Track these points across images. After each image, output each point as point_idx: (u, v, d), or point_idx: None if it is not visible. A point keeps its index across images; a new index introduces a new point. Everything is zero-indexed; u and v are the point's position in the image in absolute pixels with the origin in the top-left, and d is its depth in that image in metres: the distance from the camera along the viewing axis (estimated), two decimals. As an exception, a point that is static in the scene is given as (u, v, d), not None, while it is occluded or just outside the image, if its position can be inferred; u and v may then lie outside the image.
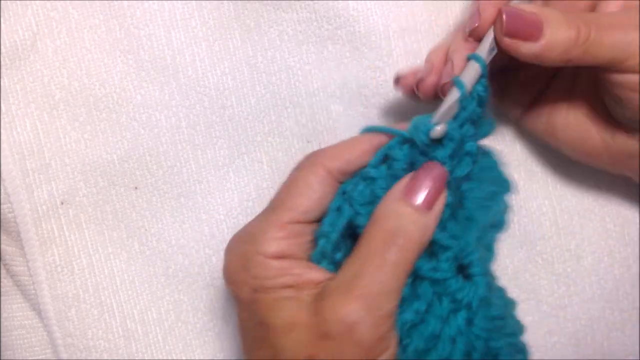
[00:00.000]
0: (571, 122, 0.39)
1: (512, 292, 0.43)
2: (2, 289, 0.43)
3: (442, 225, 0.34)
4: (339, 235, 0.34)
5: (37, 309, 0.43)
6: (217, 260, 0.43)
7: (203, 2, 0.42)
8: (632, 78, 0.34)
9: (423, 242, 0.33)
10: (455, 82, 0.34)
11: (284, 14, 0.42)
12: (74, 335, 0.43)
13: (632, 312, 0.44)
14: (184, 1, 0.42)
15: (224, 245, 0.43)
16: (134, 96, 0.42)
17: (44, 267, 0.42)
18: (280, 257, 0.33)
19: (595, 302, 0.43)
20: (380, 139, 0.35)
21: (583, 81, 0.39)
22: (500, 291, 0.37)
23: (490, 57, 0.35)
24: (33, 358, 0.43)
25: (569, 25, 0.33)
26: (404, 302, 0.33)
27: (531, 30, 0.33)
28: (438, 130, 0.34)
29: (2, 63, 0.41)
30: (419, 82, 0.37)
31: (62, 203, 0.42)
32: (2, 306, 0.43)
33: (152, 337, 0.43)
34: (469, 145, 0.35)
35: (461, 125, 0.35)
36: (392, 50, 0.41)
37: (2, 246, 0.43)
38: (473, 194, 0.35)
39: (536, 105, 0.40)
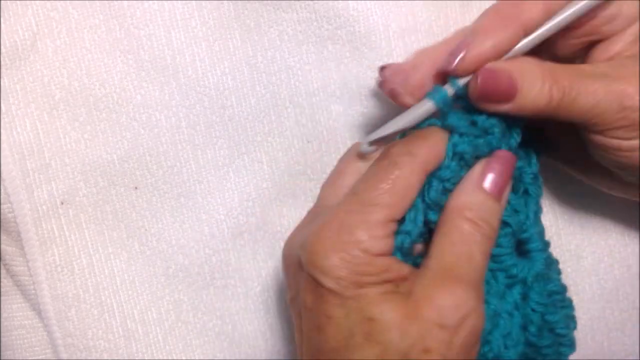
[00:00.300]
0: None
1: (512, 292, 0.43)
2: (2, 289, 0.43)
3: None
4: (420, 231, 0.35)
5: (37, 309, 0.43)
6: (217, 260, 0.43)
7: (203, 2, 0.42)
8: (605, 140, 0.35)
9: (498, 229, 0.34)
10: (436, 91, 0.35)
11: (284, 14, 0.42)
12: (74, 335, 0.43)
13: (632, 312, 0.44)
14: (184, 1, 0.42)
15: (224, 245, 0.43)
16: (134, 96, 0.42)
17: (44, 267, 0.42)
18: (384, 255, 0.33)
19: (595, 302, 0.43)
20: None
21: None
22: (556, 263, 0.37)
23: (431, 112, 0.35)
24: (33, 358, 0.43)
25: (542, 87, 0.33)
26: None
27: (504, 96, 0.34)
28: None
29: (2, 63, 0.41)
30: (381, 80, 0.38)
31: (62, 203, 0.42)
32: (2, 306, 0.43)
33: (152, 337, 0.43)
34: (513, 120, 0.35)
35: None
36: (392, 50, 0.41)
37: (2, 246, 0.43)
38: (528, 169, 0.36)
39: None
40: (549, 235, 0.43)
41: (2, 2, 0.41)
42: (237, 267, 0.43)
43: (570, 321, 0.36)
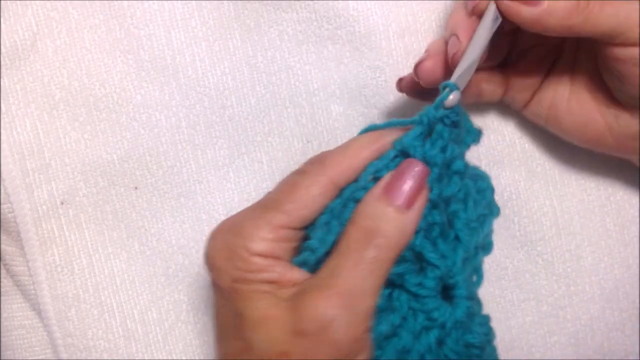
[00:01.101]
0: (574, 107, 0.39)
1: (512, 292, 0.43)
2: (2, 289, 0.43)
3: (432, 243, 0.34)
4: (325, 251, 0.34)
5: (37, 309, 0.43)
6: (217, 260, 0.43)
7: (203, 2, 0.42)
8: (633, 52, 0.34)
9: (402, 242, 0.32)
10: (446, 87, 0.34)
11: (284, 14, 0.42)
12: (74, 335, 0.43)
13: (632, 312, 0.44)
14: (184, 1, 0.42)
15: (224, 245, 0.43)
16: (134, 96, 0.42)
17: (44, 267, 0.42)
18: (265, 256, 0.33)
19: (595, 302, 0.43)
20: (380, 144, 0.35)
21: (583, 65, 0.38)
22: (484, 318, 0.36)
23: (495, 28, 0.35)
24: (33, 358, 0.43)
25: None
26: (380, 314, 0.33)
27: None
28: (451, 98, 0.34)
29: (2, 63, 0.41)
30: (416, 67, 0.37)
31: (62, 203, 0.42)
32: (2, 306, 0.43)
33: (152, 337, 0.43)
34: (456, 165, 0.34)
35: (443, 150, 0.34)
36: (392, 50, 0.41)
37: (2, 246, 0.43)
38: (462, 215, 0.35)
39: (538, 94, 0.40)
40: (549, 235, 0.43)
41: (2, 2, 0.41)
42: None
43: None
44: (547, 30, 0.34)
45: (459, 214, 0.35)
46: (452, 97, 0.34)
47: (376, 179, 0.34)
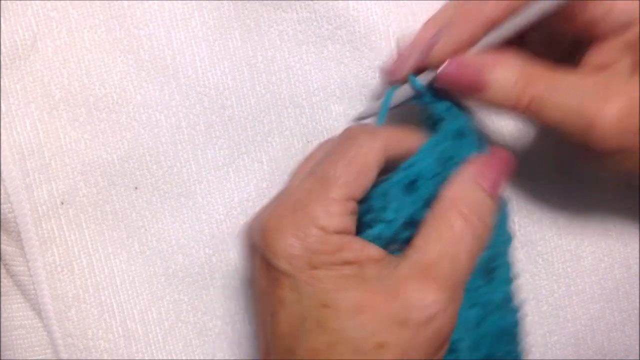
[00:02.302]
0: None
1: (512, 292, 0.43)
2: (2, 289, 0.43)
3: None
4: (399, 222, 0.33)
5: (37, 309, 0.43)
6: (217, 260, 0.43)
7: (203, 2, 0.42)
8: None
9: (490, 231, 0.32)
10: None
11: (284, 14, 0.42)
12: (74, 335, 0.43)
13: (632, 312, 0.44)
14: (184, 1, 0.42)
15: (224, 245, 0.43)
16: (134, 96, 0.42)
17: (44, 267, 0.42)
18: (339, 232, 0.31)
19: (595, 302, 0.43)
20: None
21: None
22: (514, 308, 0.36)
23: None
24: (33, 358, 0.43)
25: (513, 88, 0.32)
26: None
27: (470, 89, 0.33)
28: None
29: (2, 63, 0.41)
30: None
31: (62, 203, 0.42)
32: (2, 306, 0.43)
33: (152, 337, 0.43)
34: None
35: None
36: (392, 50, 0.41)
37: (2, 246, 0.43)
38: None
39: None
40: (549, 235, 0.43)
41: (2, 2, 0.41)
42: (237, 267, 0.43)
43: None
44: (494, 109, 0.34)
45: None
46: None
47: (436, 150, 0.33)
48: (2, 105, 0.41)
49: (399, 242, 0.33)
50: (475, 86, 0.33)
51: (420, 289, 0.30)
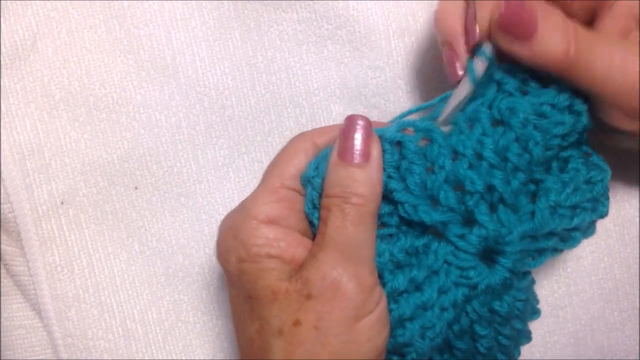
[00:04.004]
0: None
1: (512, 292, 0.43)
2: (2, 289, 0.43)
3: (490, 205, 0.33)
4: (322, 181, 0.34)
5: (37, 309, 0.43)
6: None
7: (203, 2, 0.42)
8: (606, 113, 0.34)
9: (374, 192, 0.33)
10: (468, 73, 0.34)
11: (284, 14, 0.42)
12: (74, 335, 0.43)
13: (632, 312, 0.44)
14: (184, 1, 0.42)
15: (224, 245, 0.43)
16: (134, 96, 0.42)
17: (44, 267, 0.42)
18: (272, 222, 0.33)
19: (595, 302, 0.43)
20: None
21: None
22: (520, 297, 0.35)
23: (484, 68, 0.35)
24: (33, 358, 0.43)
25: (562, 35, 0.33)
26: (396, 270, 0.33)
27: (522, 30, 0.33)
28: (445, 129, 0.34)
29: (2, 63, 0.41)
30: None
31: (62, 203, 0.42)
32: (2, 306, 0.43)
33: (152, 337, 0.43)
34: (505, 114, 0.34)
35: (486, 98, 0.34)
36: (392, 50, 0.41)
37: (2, 246, 0.43)
38: (552, 196, 0.34)
39: None
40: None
41: (2, 2, 0.41)
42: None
43: (500, 352, 0.35)
44: (544, 68, 0.34)
45: (546, 193, 0.34)
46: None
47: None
48: (2, 105, 0.41)
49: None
50: (527, 27, 0.33)
51: (315, 262, 0.32)
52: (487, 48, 0.34)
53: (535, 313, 0.37)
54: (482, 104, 0.34)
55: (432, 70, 0.41)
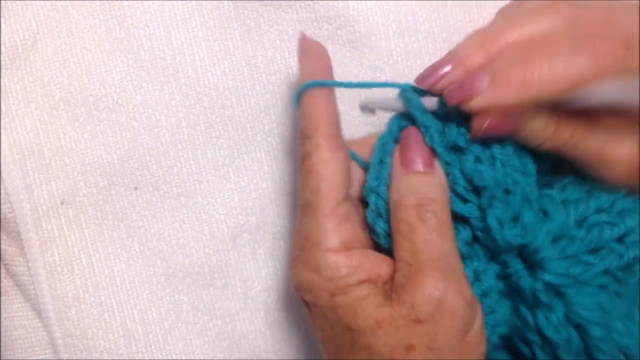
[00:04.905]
0: None
1: (512, 292, 0.43)
2: (2, 289, 0.43)
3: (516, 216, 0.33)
4: (387, 188, 0.34)
5: (37, 309, 0.43)
6: (217, 260, 0.43)
7: (203, 2, 0.42)
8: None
9: (445, 198, 0.33)
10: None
11: (284, 14, 0.42)
12: (74, 335, 0.43)
13: (632, 312, 0.44)
14: (184, 1, 0.42)
15: (224, 245, 0.43)
16: (134, 96, 0.42)
17: (44, 267, 0.42)
18: (345, 248, 0.33)
19: (595, 302, 0.43)
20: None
21: None
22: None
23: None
24: (33, 358, 0.43)
25: (545, 130, 0.34)
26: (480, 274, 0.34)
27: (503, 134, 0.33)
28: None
29: (2, 63, 0.41)
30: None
31: (62, 203, 0.42)
32: (2, 306, 0.43)
33: (152, 337, 0.43)
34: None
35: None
36: (392, 50, 0.41)
37: (2, 246, 0.43)
38: (555, 194, 0.35)
39: None
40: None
41: (2, 2, 0.41)
42: (237, 267, 0.43)
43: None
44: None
45: (551, 192, 0.35)
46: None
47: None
48: (2, 105, 0.41)
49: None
50: (514, 131, 0.34)
51: (416, 286, 0.32)
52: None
53: None
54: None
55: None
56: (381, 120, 0.42)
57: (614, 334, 0.33)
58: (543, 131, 0.34)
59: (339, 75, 0.42)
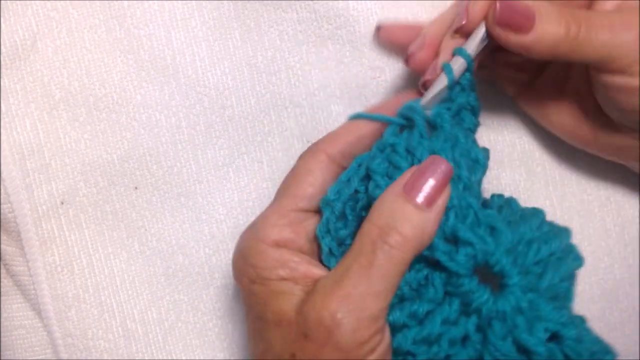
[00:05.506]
0: (563, 108, 0.39)
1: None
2: (2, 289, 0.43)
3: (468, 225, 0.32)
4: (344, 206, 0.34)
5: (37, 309, 0.43)
6: (217, 260, 0.43)
7: (203, 2, 0.42)
8: (619, 79, 0.34)
9: (420, 242, 0.31)
10: (444, 68, 0.35)
11: (284, 14, 0.42)
12: (74, 335, 0.43)
13: (632, 312, 0.44)
14: (184, 1, 0.42)
15: (224, 245, 0.43)
16: (134, 96, 0.42)
17: (44, 267, 0.42)
18: (280, 245, 0.33)
19: (595, 302, 0.43)
20: (375, 124, 0.36)
21: (576, 72, 0.39)
22: (559, 317, 0.33)
23: (481, 47, 0.35)
24: (33, 358, 0.43)
25: (559, 21, 0.33)
26: (401, 303, 0.32)
27: (523, 22, 0.33)
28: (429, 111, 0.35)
29: (2, 63, 0.41)
30: (409, 56, 0.38)
31: (62, 203, 0.42)
32: (2, 306, 0.43)
33: (152, 337, 0.43)
34: (474, 152, 0.35)
35: (453, 115, 0.35)
36: (392, 50, 0.41)
37: (2, 246, 0.43)
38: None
39: (530, 88, 0.40)
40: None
41: (2, 2, 0.41)
42: (237, 267, 0.43)
43: None
44: (534, 57, 0.34)
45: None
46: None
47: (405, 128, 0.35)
48: (2, 105, 0.41)
49: (339, 238, 0.34)
50: (526, 20, 0.33)
51: (320, 305, 0.31)
52: (471, 47, 0.35)
53: (609, 353, 0.34)
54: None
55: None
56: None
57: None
58: (558, 19, 0.33)
59: (338, 75, 0.42)
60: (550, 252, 0.34)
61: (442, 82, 0.35)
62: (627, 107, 0.35)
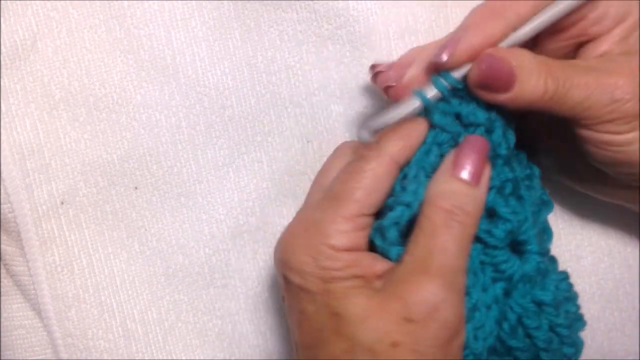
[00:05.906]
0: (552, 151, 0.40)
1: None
2: (2, 289, 0.43)
3: (505, 199, 0.35)
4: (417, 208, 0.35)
5: (37, 309, 0.43)
6: (217, 260, 0.43)
7: (203, 2, 0.42)
8: (594, 135, 0.35)
9: (478, 216, 0.33)
10: (417, 94, 0.35)
11: (284, 14, 0.42)
12: (74, 335, 0.43)
13: (632, 312, 0.44)
14: (184, 1, 0.42)
15: (224, 245, 0.43)
16: (134, 96, 0.42)
17: (44, 267, 0.42)
18: (351, 250, 0.34)
19: (595, 302, 0.43)
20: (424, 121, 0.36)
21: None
22: (561, 275, 0.37)
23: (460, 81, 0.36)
24: (33, 358, 0.43)
25: (538, 80, 0.34)
26: None
27: (502, 85, 0.34)
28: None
29: (2, 63, 0.41)
30: (376, 75, 0.38)
31: (62, 203, 0.42)
32: (2, 306, 0.43)
33: (152, 337, 0.43)
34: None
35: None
36: (392, 50, 0.41)
37: (2, 246, 0.43)
38: (520, 175, 0.36)
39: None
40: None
41: (2, 2, 0.41)
42: (237, 267, 0.43)
43: (563, 344, 0.36)
44: (513, 109, 0.35)
45: (519, 175, 0.36)
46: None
47: (436, 144, 0.35)
48: (2, 105, 0.41)
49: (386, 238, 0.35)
50: (508, 81, 0.34)
51: (417, 286, 0.32)
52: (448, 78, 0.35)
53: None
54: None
55: (432, 70, 0.41)
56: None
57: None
58: (538, 75, 0.34)
59: (338, 75, 0.42)
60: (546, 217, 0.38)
61: (411, 106, 0.35)
62: (600, 160, 0.36)
